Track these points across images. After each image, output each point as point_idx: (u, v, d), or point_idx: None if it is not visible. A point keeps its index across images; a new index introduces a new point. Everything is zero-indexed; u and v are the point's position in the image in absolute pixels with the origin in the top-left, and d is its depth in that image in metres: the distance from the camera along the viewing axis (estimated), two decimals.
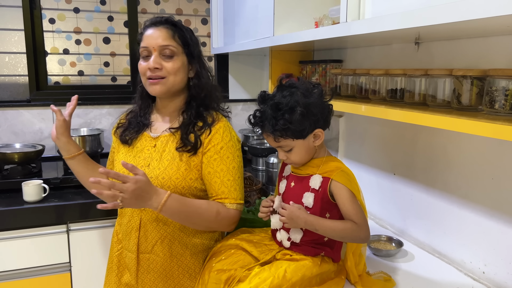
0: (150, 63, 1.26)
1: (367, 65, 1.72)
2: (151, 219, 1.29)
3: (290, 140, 1.11)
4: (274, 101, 1.09)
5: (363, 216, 1.10)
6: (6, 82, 2.43)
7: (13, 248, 1.79)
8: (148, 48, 1.27)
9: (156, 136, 1.34)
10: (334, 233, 1.09)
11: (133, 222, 1.31)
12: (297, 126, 1.07)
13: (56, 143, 1.39)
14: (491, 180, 1.23)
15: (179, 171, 1.27)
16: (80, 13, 2.56)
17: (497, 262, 1.22)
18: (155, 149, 1.32)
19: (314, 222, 1.09)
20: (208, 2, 2.79)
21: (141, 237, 1.30)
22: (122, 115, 1.48)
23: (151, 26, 1.29)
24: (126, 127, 1.40)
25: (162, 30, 1.27)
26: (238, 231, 1.32)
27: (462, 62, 1.26)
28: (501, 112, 0.96)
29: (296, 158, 1.15)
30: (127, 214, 1.34)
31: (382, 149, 1.70)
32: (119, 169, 1.33)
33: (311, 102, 1.08)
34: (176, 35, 1.28)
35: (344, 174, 1.11)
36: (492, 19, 0.79)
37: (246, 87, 2.84)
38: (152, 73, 1.26)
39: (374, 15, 1.18)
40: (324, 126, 1.14)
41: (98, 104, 2.52)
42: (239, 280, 1.09)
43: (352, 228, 1.08)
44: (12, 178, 1.99)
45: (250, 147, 2.42)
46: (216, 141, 1.28)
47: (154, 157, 1.31)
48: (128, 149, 1.37)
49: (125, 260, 1.35)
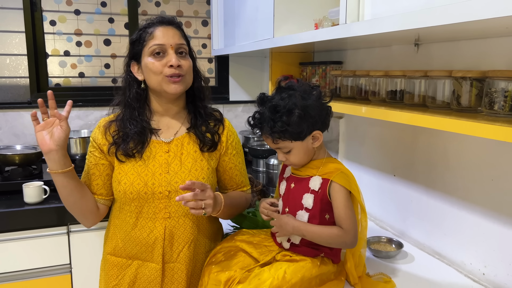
0: (172, 60, 1.20)
1: (367, 66, 1.72)
2: (177, 225, 1.26)
3: (289, 142, 1.11)
4: (272, 103, 1.09)
5: (352, 223, 1.10)
6: (7, 84, 2.43)
7: (13, 250, 1.79)
8: (164, 46, 1.21)
9: (169, 140, 1.29)
10: (321, 238, 1.11)
11: (156, 233, 1.25)
12: (295, 128, 1.08)
13: (51, 156, 1.17)
14: (490, 181, 1.23)
15: (203, 171, 1.28)
16: (80, 15, 2.57)
17: (497, 263, 1.22)
18: (169, 154, 1.27)
19: (301, 228, 1.12)
20: (208, 4, 2.79)
21: (166, 247, 1.25)
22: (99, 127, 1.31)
23: (161, 24, 1.24)
24: (125, 140, 1.26)
25: (174, 30, 1.25)
26: (238, 232, 1.32)
27: (462, 64, 1.26)
28: (500, 113, 0.96)
29: (295, 160, 1.15)
30: (147, 226, 1.25)
31: (382, 150, 1.70)
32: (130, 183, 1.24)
33: (309, 104, 1.08)
34: (183, 36, 1.28)
35: (343, 175, 1.11)
36: (491, 21, 0.79)
37: (246, 89, 2.85)
38: (175, 71, 1.20)
39: (374, 16, 1.18)
40: (323, 128, 1.14)
41: (98, 106, 2.52)
42: (239, 281, 1.09)
43: (338, 235, 1.09)
44: (13, 179, 1.99)
45: (251, 149, 2.42)
46: (231, 138, 1.38)
47: (172, 161, 1.26)
48: (135, 160, 1.26)
49: (145, 273, 1.27)
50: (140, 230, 1.26)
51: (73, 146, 2.20)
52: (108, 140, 1.29)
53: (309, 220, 1.13)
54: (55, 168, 1.19)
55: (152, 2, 2.69)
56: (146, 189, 1.23)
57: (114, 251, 1.31)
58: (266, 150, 2.37)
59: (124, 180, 1.25)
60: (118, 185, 1.26)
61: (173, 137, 1.30)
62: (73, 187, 1.23)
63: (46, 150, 1.17)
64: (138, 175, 1.24)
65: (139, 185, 1.23)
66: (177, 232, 1.26)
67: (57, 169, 1.19)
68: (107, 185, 1.31)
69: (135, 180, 1.23)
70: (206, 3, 2.80)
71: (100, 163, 1.29)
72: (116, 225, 1.31)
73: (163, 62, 1.21)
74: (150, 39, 1.22)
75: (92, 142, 1.31)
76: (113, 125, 1.30)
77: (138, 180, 1.23)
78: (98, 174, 1.30)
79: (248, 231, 1.32)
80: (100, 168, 1.30)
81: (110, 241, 1.32)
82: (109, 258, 1.32)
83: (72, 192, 1.23)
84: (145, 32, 1.24)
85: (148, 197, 1.23)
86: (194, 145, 1.30)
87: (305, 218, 1.13)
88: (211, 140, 1.31)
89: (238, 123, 2.81)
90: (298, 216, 1.14)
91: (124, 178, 1.25)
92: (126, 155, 1.25)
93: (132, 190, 1.23)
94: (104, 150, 1.29)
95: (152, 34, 1.22)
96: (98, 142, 1.29)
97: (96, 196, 1.31)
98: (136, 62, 1.28)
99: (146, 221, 1.25)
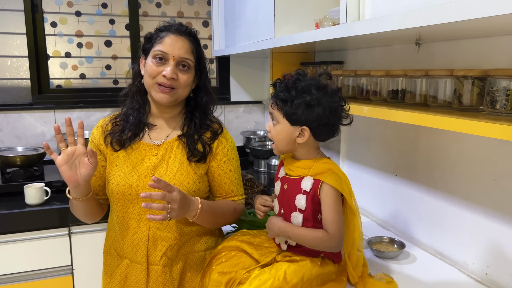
0: (167, 71, 1.20)
1: (368, 66, 1.72)
2: (161, 227, 1.26)
3: (280, 114, 1.11)
4: (299, 77, 1.11)
5: (338, 227, 1.09)
6: (9, 86, 2.44)
7: (15, 251, 1.80)
8: (167, 55, 1.22)
9: (159, 143, 1.29)
10: (305, 241, 1.11)
11: (140, 234, 1.26)
12: (293, 107, 1.08)
13: (77, 189, 1.19)
14: (493, 180, 1.22)
15: (189, 176, 1.27)
16: (81, 16, 2.57)
17: (499, 263, 1.22)
18: (157, 157, 1.27)
19: (287, 229, 1.12)
20: (209, 5, 2.80)
21: (150, 248, 1.26)
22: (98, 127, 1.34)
23: (175, 32, 1.24)
24: (119, 130, 1.29)
25: (185, 41, 1.24)
26: (238, 233, 1.32)
27: (463, 63, 1.26)
28: (502, 112, 0.95)
29: (274, 136, 1.14)
30: (132, 227, 1.27)
31: (383, 150, 1.70)
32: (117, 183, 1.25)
33: (322, 102, 1.07)
34: (194, 49, 1.27)
35: (335, 176, 1.09)
36: (492, 19, 0.78)
37: (247, 89, 2.85)
38: (167, 82, 1.22)
39: (374, 15, 1.18)
40: (316, 132, 1.11)
41: (100, 107, 2.53)
42: (239, 282, 1.09)
43: (323, 239, 1.08)
44: (14, 181, 2.00)
45: (252, 149, 2.42)
46: (223, 145, 1.33)
47: (159, 165, 1.27)
48: (123, 160, 1.27)
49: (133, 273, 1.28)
50: (127, 230, 1.27)
51: None
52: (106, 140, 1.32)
53: (303, 222, 1.12)
54: (78, 197, 1.22)
55: (153, 3, 2.70)
56: (130, 191, 1.24)
57: (108, 249, 1.35)
58: (267, 150, 2.37)
59: (112, 180, 1.27)
60: (107, 185, 1.30)
61: (164, 140, 1.30)
62: (88, 205, 1.27)
63: (73, 185, 1.18)
64: (125, 176, 1.25)
65: (124, 186, 1.24)
66: (161, 234, 1.26)
67: (81, 197, 1.22)
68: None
69: (121, 181, 1.25)
70: (207, 4, 2.80)
71: (100, 165, 1.31)
72: (109, 224, 1.36)
73: (160, 69, 1.22)
74: (158, 43, 1.23)
75: (91, 143, 1.33)
76: (110, 124, 1.33)
77: (124, 181, 1.25)
78: (99, 175, 1.33)
79: (249, 231, 1.32)
80: (100, 170, 1.32)
81: (106, 239, 1.37)
82: (104, 256, 1.37)
83: (85, 208, 1.28)
84: (158, 33, 1.25)
85: (132, 198, 1.25)
86: (183, 150, 1.29)
87: (299, 219, 1.12)
88: (201, 152, 1.29)
89: (239, 123, 2.81)
90: (292, 218, 1.13)
91: (112, 178, 1.27)
92: (119, 143, 1.28)
93: (118, 191, 1.25)
94: (102, 150, 1.31)
95: (162, 38, 1.23)
96: (96, 142, 1.32)
97: (99, 197, 1.35)
98: (144, 57, 1.29)
99: (131, 221, 1.27)
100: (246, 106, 2.86)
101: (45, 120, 2.43)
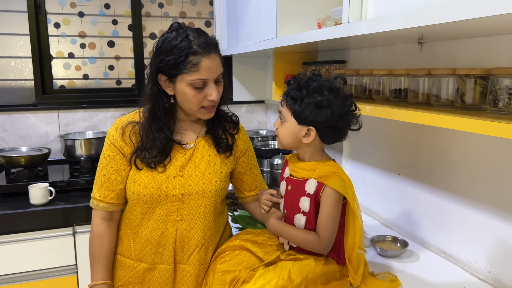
0: (213, 96, 1.17)
1: (371, 65, 1.72)
2: (188, 228, 1.25)
3: (289, 112, 1.11)
4: (313, 77, 1.11)
5: (330, 233, 1.09)
6: (12, 87, 2.45)
7: (20, 251, 1.81)
8: (208, 80, 1.17)
9: (190, 147, 1.27)
10: (295, 241, 1.13)
11: (168, 234, 1.24)
12: (302, 106, 1.08)
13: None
14: (496, 179, 1.22)
15: (217, 174, 1.27)
16: (84, 17, 2.58)
17: (503, 261, 1.22)
18: (185, 157, 1.25)
19: (278, 228, 1.15)
20: (211, 5, 2.80)
21: (177, 248, 1.25)
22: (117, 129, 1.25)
23: (207, 54, 1.15)
24: (149, 150, 1.22)
25: (216, 58, 1.18)
26: (242, 232, 1.32)
27: (465, 61, 1.26)
28: (505, 110, 0.95)
29: (281, 134, 1.15)
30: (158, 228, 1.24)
31: (386, 149, 1.70)
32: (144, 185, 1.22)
33: (332, 104, 1.07)
34: (221, 58, 1.23)
35: (338, 179, 1.09)
36: (495, 18, 0.79)
37: (250, 89, 2.85)
38: (213, 103, 1.21)
39: (376, 15, 1.18)
40: (323, 133, 1.11)
41: (103, 108, 2.54)
42: (243, 281, 1.09)
43: (312, 242, 1.10)
44: (19, 181, 2.01)
45: (255, 149, 2.42)
46: (247, 140, 1.41)
47: (186, 164, 1.25)
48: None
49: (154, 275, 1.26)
50: (151, 231, 1.24)
51: (78, 148, 2.21)
52: (126, 142, 1.24)
53: (306, 225, 1.12)
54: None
55: (156, 3, 2.71)
56: (159, 192, 1.21)
57: (124, 251, 1.30)
58: (270, 150, 2.37)
59: (138, 182, 1.22)
60: (132, 186, 1.23)
61: (194, 142, 1.28)
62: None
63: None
64: (153, 178, 1.22)
65: (153, 188, 1.21)
66: (188, 235, 1.25)
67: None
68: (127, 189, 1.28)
69: (149, 183, 1.21)
70: (209, 4, 2.81)
71: (121, 169, 1.25)
72: (127, 225, 1.29)
73: (202, 95, 1.18)
74: (194, 72, 1.14)
75: (111, 146, 1.25)
76: (131, 127, 1.25)
77: (152, 183, 1.21)
78: (120, 179, 1.25)
79: (253, 230, 1.32)
80: (122, 173, 1.25)
81: (121, 241, 1.31)
82: (118, 258, 1.31)
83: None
84: (188, 59, 1.13)
85: (161, 199, 1.22)
86: (209, 148, 1.29)
87: (302, 222, 1.12)
88: (227, 143, 1.32)
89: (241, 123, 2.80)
90: (296, 219, 1.14)
91: (138, 180, 1.22)
92: (148, 166, 1.22)
93: (146, 193, 1.21)
94: (125, 153, 1.24)
95: (197, 66, 1.14)
96: (118, 145, 1.24)
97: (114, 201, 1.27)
98: (169, 80, 1.19)
99: (157, 223, 1.24)
100: (248, 106, 2.87)
101: (49, 120, 2.44)
